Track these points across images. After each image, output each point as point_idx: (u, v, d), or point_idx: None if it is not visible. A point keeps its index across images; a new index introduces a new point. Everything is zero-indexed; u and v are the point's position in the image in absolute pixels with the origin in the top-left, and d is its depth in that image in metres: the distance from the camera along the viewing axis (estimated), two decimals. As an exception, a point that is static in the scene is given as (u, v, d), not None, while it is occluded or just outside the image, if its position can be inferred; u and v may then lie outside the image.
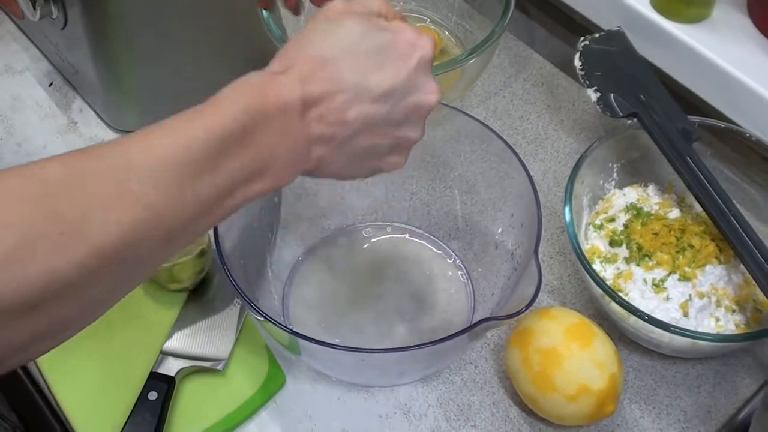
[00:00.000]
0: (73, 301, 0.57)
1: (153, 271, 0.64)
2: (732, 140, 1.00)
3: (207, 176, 0.62)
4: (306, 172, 0.71)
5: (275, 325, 0.79)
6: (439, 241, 1.04)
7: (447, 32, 1.21)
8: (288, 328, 0.79)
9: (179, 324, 0.94)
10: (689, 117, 1.00)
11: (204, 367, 0.91)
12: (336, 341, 0.81)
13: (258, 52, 1.19)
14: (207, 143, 0.61)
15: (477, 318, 0.96)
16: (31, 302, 0.54)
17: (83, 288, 0.57)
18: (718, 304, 0.92)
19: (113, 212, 0.57)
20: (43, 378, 0.93)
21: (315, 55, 0.69)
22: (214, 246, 0.83)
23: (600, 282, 0.88)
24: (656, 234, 0.95)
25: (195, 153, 0.61)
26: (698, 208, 0.96)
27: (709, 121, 1.00)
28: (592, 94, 1.03)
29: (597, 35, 1.07)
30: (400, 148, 0.75)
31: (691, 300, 0.91)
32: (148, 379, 0.89)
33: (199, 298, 0.96)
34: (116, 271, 0.59)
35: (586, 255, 0.94)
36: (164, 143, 0.60)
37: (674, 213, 0.98)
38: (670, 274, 0.92)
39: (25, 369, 0.97)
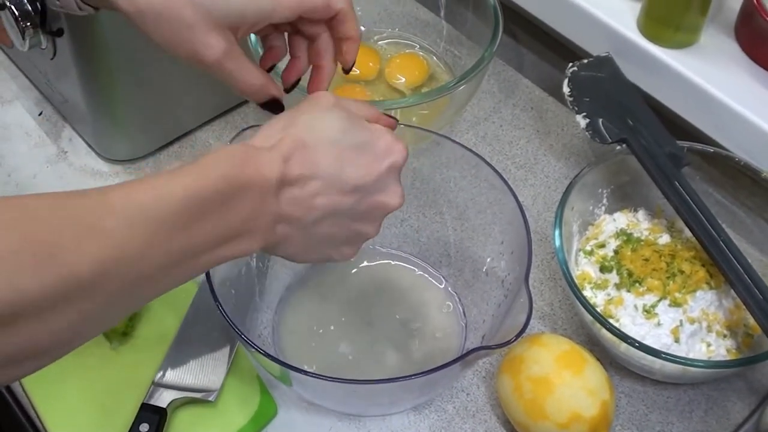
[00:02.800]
0: (42, 324, 0.57)
1: (124, 313, 0.66)
2: (721, 164, 1.00)
3: (179, 232, 0.63)
4: (265, 248, 0.73)
5: (266, 356, 0.79)
6: (430, 268, 1.04)
7: (435, 58, 1.21)
8: (279, 360, 0.79)
9: (171, 355, 0.93)
10: (678, 142, 1.00)
11: (196, 398, 0.91)
12: (327, 370, 0.80)
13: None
14: (184, 201, 0.63)
15: (468, 345, 0.96)
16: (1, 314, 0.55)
17: (51, 313, 0.57)
18: (709, 329, 0.92)
19: (86, 243, 0.58)
20: (35, 409, 0.93)
21: (299, 138, 0.71)
22: (205, 277, 0.82)
23: (590, 309, 0.89)
24: (646, 260, 0.95)
25: (171, 207, 0.63)
26: (688, 233, 0.97)
27: (698, 145, 1.00)
28: (581, 120, 1.03)
29: (585, 61, 1.07)
30: (354, 241, 0.78)
31: (682, 326, 0.91)
32: (139, 410, 0.88)
33: (190, 329, 0.96)
34: (85, 302, 0.59)
35: (577, 281, 0.94)
36: (144, 193, 0.62)
37: (664, 238, 0.98)
38: (660, 299, 0.92)
39: (16, 400, 0.96)
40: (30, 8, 0.97)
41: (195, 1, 0.73)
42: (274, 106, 0.81)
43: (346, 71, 0.84)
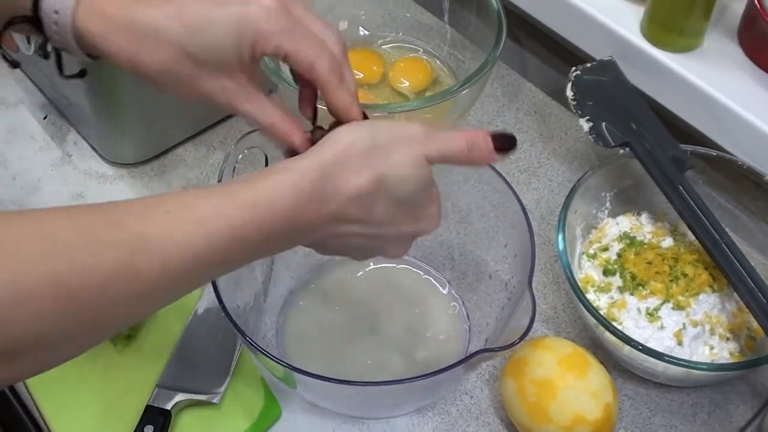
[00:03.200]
0: (50, 356, 0.58)
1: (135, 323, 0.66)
2: (724, 168, 1.00)
3: (214, 267, 0.63)
4: None
5: (270, 358, 0.79)
6: (434, 271, 1.04)
7: (439, 62, 1.22)
8: (283, 362, 0.79)
9: (175, 357, 0.94)
10: (681, 145, 1.00)
11: (200, 401, 0.91)
12: (331, 373, 0.81)
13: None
14: (228, 242, 0.62)
15: (472, 348, 0.96)
16: (7, 355, 0.54)
17: (63, 346, 0.58)
18: (712, 332, 0.92)
19: (112, 287, 0.57)
20: (39, 411, 0.93)
21: (374, 181, 0.68)
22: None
23: (594, 312, 0.89)
24: (650, 263, 0.95)
25: (212, 247, 0.61)
26: (691, 236, 0.97)
27: (701, 149, 1.00)
28: (585, 124, 1.03)
29: (589, 65, 1.08)
30: (374, 254, 0.77)
31: (685, 329, 0.91)
32: (144, 412, 0.89)
33: (194, 331, 0.96)
34: (98, 335, 0.60)
35: (580, 284, 0.94)
36: (185, 231, 0.61)
37: (667, 242, 0.98)
38: (663, 302, 0.93)
39: (20, 402, 0.96)
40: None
41: (193, 56, 0.71)
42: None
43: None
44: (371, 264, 1.04)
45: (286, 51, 0.72)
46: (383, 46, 1.23)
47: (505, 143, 0.73)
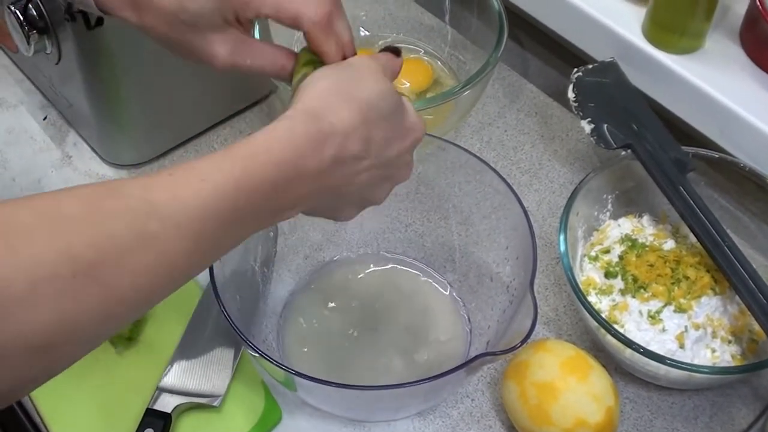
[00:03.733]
0: (82, 341, 0.57)
1: (160, 301, 0.64)
2: (726, 170, 1.00)
3: (228, 225, 0.62)
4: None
5: (270, 362, 0.79)
6: (435, 273, 1.04)
7: (440, 63, 1.21)
8: (283, 366, 0.79)
9: (175, 360, 0.94)
10: (683, 147, 1.00)
11: (200, 404, 0.91)
12: (332, 376, 0.81)
13: (250, 83, 1.20)
14: (234, 196, 0.62)
15: (473, 350, 0.96)
16: (39, 345, 0.54)
17: (92, 330, 0.57)
18: (714, 335, 0.92)
19: (130, 255, 0.57)
20: (39, 414, 0.93)
21: (362, 113, 0.69)
22: (209, 281, 0.82)
23: (595, 314, 0.89)
24: (651, 265, 0.95)
25: (221, 203, 0.61)
26: (693, 238, 0.96)
27: (703, 151, 1.00)
28: (586, 126, 1.03)
29: (590, 66, 1.07)
30: (363, 205, 0.78)
31: (687, 331, 0.91)
32: (144, 415, 0.89)
33: (195, 334, 0.96)
34: (125, 312, 0.59)
35: (582, 287, 0.94)
36: (190, 189, 0.60)
37: (669, 244, 0.98)
38: (665, 305, 0.92)
39: (20, 405, 0.96)
40: (35, 13, 0.98)
41: (182, 22, 0.73)
42: None
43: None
44: (371, 266, 1.04)
45: (266, 12, 0.74)
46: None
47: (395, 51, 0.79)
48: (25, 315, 0.52)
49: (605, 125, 1.02)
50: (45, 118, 1.19)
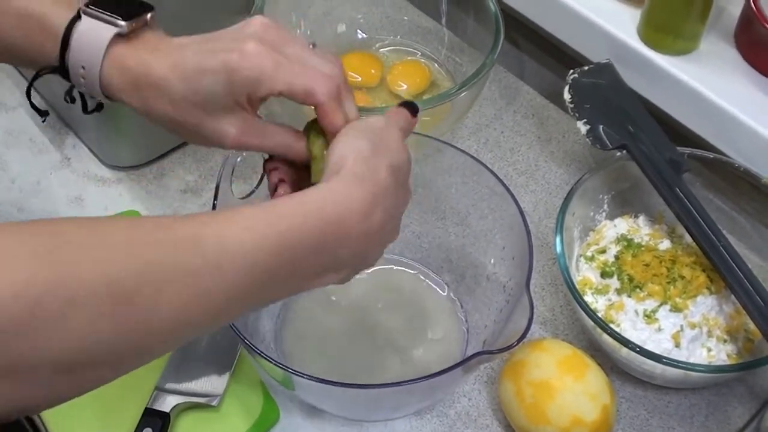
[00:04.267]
0: (112, 366, 0.58)
1: (190, 338, 0.65)
2: (721, 170, 1.01)
3: (266, 277, 0.63)
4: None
5: (269, 361, 0.79)
6: (432, 273, 1.04)
7: (437, 65, 1.22)
8: (281, 365, 0.79)
9: (174, 360, 0.94)
10: (678, 148, 1.00)
11: (199, 403, 0.91)
12: (330, 375, 0.81)
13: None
14: (279, 248, 0.63)
15: (470, 350, 0.96)
16: (67, 365, 0.54)
17: (122, 356, 0.58)
18: (710, 334, 0.93)
19: (169, 286, 0.57)
20: (38, 414, 0.93)
21: (392, 175, 0.70)
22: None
23: (591, 314, 0.89)
24: (647, 265, 0.95)
25: (264, 253, 0.62)
26: (689, 238, 0.97)
27: (698, 152, 1.01)
28: (582, 127, 1.03)
29: (586, 68, 1.08)
30: (359, 270, 0.76)
31: (683, 331, 0.91)
32: (143, 415, 0.89)
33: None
34: (157, 343, 0.60)
35: (578, 286, 0.94)
36: (237, 234, 0.61)
37: (665, 244, 0.98)
38: (661, 305, 0.93)
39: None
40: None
41: (192, 103, 0.73)
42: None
43: None
44: (369, 268, 1.04)
45: (279, 90, 0.73)
46: (381, 50, 1.24)
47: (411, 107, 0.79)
48: (56, 333, 0.53)
49: (601, 126, 1.03)
50: (44, 121, 1.19)
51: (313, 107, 0.74)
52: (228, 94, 0.73)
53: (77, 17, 0.75)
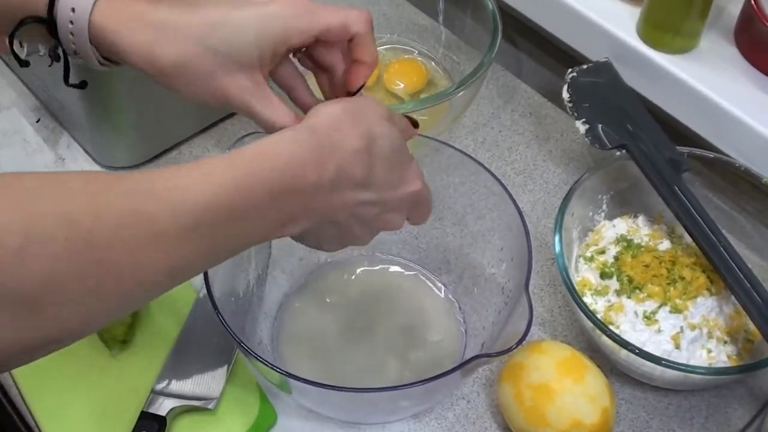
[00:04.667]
0: (74, 310, 0.58)
1: (154, 296, 0.65)
2: (721, 170, 1.00)
3: (223, 224, 0.63)
4: (295, 236, 0.74)
5: (265, 364, 0.79)
6: (430, 274, 1.03)
7: (434, 64, 1.21)
8: (278, 368, 0.79)
9: (170, 363, 0.93)
10: (678, 147, 1.00)
11: (195, 407, 0.91)
12: (327, 378, 0.80)
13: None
14: (234, 195, 0.63)
15: (469, 352, 0.96)
16: (27, 300, 0.55)
17: (82, 296, 0.58)
18: (710, 335, 0.92)
19: (123, 229, 0.58)
20: (34, 418, 0.92)
21: (365, 141, 0.70)
22: (204, 284, 0.82)
23: (591, 315, 0.88)
24: (647, 266, 0.95)
25: (220, 199, 0.62)
26: (688, 238, 0.96)
27: (698, 151, 1.00)
28: (581, 126, 1.03)
29: (585, 66, 1.07)
30: (349, 242, 0.78)
31: (683, 332, 0.91)
32: (139, 418, 0.88)
33: (189, 336, 0.96)
34: (116, 288, 0.60)
35: (577, 287, 0.94)
36: (191, 182, 0.62)
37: (664, 244, 0.98)
38: (661, 306, 0.92)
39: (15, 409, 0.96)
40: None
41: (213, 50, 0.73)
42: None
43: (351, 93, 0.81)
44: (365, 267, 1.04)
45: (317, 31, 0.75)
46: (378, 48, 1.23)
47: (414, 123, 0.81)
48: (16, 268, 0.54)
49: (600, 125, 1.02)
50: (38, 121, 1.19)
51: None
52: (255, 47, 0.73)
53: None
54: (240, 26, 0.73)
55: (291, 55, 0.81)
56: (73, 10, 0.73)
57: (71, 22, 0.73)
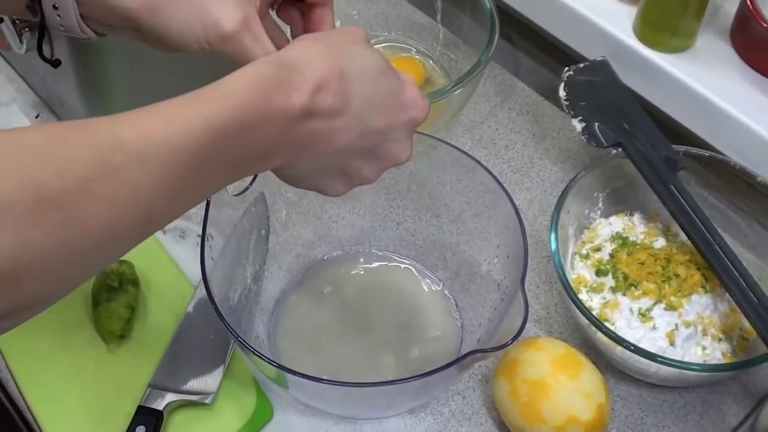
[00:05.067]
0: (48, 278, 0.56)
1: (132, 246, 0.62)
2: (716, 168, 1.00)
3: (195, 166, 0.61)
4: (273, 171, 0.72)
5: (262, 359, 0.79)
6: (426, 271, 1.04)
7: (432, 62, 1.22)
8: (275, 363, 0.79)
9: (167, 358, 0.94)
10: (673, 146, 1.00)
11: (192, 401, 0.91)
12: (323, 373, 0.81)
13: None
14: (202, 135, 0.60)
15: (464, 348, 0.96)
16: (3, 272, 0.53)
17: (59, 261, 0.56)
18: (705, 332, 0.92)
19: (92, 184, 0.56)
20: (31, 412, 0.93)
21: (339, 65, 0.68)
22: (201, 279, 0.83)
23: (586, 312, 0.89)
24: (642, 263, 0.95)
25: (189, 142, 0.60)
26: (684, 236, 0.97)
27: (694, 149, 1.00)
28: (577, 125, 1.03)
29: (581, 65, 1.08)
30: (351, 180, 0.76)
31: (678, 329, 0.91)
32: (136, 413, 0.89)
33: (187, 331, 0.96)
34: (92, 246, 0.57)
35: (573, 285, 0.94)
36: (157, 126, 0.59)
37: (660, 242, 0.98)
38: (656, 303, 0.93)
39: (12, 403, 0.96)
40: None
41: None
42: None
43: None
44: (362, 264, 1.04)
45: None
46: (376, 46, 1.23)
47: None
48: None
49: (596, 124, 1.03)
50: (37, 117, 1.19)
51: None
52: None
53: None
54: None
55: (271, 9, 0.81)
56: None
57: None
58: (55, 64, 0.87)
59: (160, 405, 0.89)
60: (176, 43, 0.75)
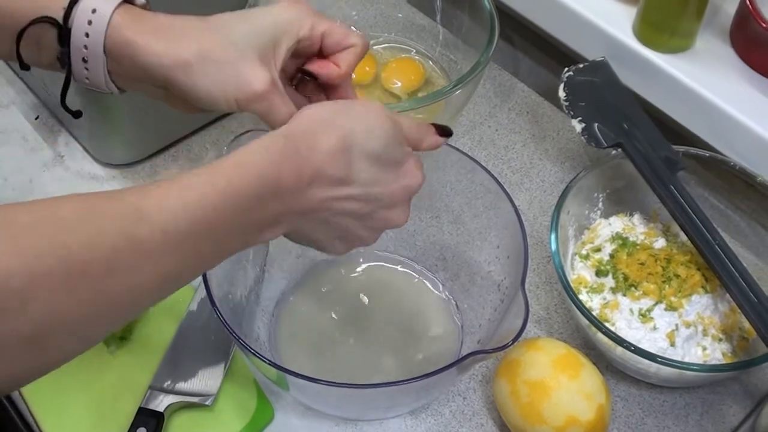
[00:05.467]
0: (75, 337, 0.59)
1: (146, 309, 0.66)
2: (716, 168, 1.00)
3: (212, 234, 0.65)
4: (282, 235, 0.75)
5: (263, 360, 0.79)
6: (427, 272, 1.04)
7: (432, 63, 1.22)
8: (275, 364, 0.79)
9: (168, 359, 0.94)
10: (673, 146, 1.00)
11: (193, 403, 0.91)
12: (324, 374, 0.81)
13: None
14: (219, 206, 0.64)
15: (465, 349, 0.96)
16: (33, 338, 0.55)
17: (84, 326, 0.59)
18: (705, 333, 0.92)
19: (118, 257, 0.59)
20: (32, 414, 0.92)
21: (348, 137, 0.72)
22: (202, 281, 0.83)
23: (586, 312, 0.89)
24: (642, 264, 0.95)
25: (207, 213, 0.64)
26: (684, 237, 0.97)
27: (693, 150, 1.00)
28: (577, 125, 1.03)
29: (581, 65, 1.08)
30: (352, 241, 0.79)
31: (678, 329, 0.91)
32: (136, 414, 0.89)
33: (187, 333, 0.96)
34: (115, 311, 0.61)
35: (573, 285, 0.94)
36: (177, 198, 0.63)
37: (660, 242, 0.98)
38: (656, 303, 0.93)
39: (13, 405, 0.96)
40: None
41: (234, 43, 0.75)
42: None
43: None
44: (362, 265, 1.04)
45: (323, 29, 0.79)
46: (375, 47, 1.23)
47: (443, 131, 0.82)
48: (22, 308, 0.54)
49: (596, 124, 1.03)
50: (37, 118, 1.19)
51: None
52: (271, 40, 0.76)
53: None
54: (257, 23, 0.76)
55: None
56: (93, 11, 0.73)
57: (89, 23, 0.73)
58: (77, 115, 0.88)
59: (160, 406, 0.89)
60: (202, 102, 0.77)
